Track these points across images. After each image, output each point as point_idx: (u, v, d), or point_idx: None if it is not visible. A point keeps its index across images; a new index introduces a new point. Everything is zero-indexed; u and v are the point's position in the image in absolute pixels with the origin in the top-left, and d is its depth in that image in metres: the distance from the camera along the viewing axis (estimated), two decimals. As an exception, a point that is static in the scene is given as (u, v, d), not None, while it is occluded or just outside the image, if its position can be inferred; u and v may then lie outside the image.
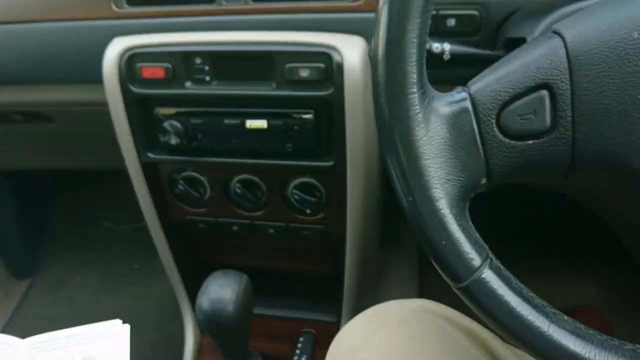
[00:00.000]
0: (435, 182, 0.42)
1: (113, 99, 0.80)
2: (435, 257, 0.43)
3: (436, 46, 0.57)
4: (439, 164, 0.42)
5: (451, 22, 0.62)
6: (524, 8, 0.60)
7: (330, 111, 0.75)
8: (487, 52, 0.56)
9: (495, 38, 0.58)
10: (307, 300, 1.12)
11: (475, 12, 0.62)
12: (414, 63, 0.40)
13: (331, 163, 0.80)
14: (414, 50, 0.40)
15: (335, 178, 0.82)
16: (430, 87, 0.43)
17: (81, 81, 0.84)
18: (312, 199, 0.86)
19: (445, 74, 0.46)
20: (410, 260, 1.37)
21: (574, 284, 1.38)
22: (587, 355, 0.41)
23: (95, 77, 0.79)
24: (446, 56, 0.58)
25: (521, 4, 0.60)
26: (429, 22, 0.40)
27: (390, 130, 0.41)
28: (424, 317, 0.63)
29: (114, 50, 0.78)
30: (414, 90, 0.41)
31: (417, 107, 0.41)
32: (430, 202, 0.42)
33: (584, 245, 1.32)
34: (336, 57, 0.71)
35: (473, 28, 0.63)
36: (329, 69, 0.72)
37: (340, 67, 0.71)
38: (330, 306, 1.07)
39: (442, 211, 0.42)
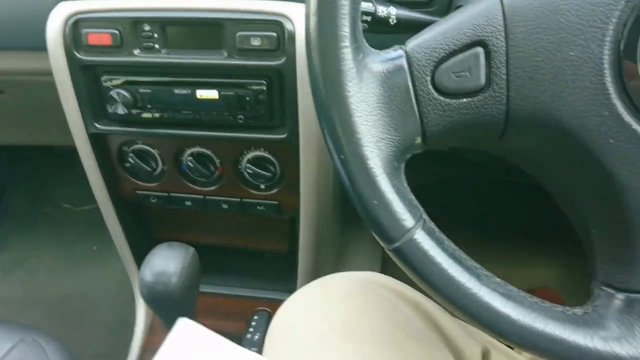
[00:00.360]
0: (368, 140, 0.41)
1: (57, 66, 0.77)
2: (367, 217, 0.42)
3: (382, 9, 0.56)
4: (371, 122, 0.41)
5: None
6: None
7: (283, 81, 0.74)
8: (433, 17, 0.55)
9: (450, 9, 0.57)
10: (263, 279, 1.10)
11: None
12: (346, 16, 0.39)
13: (284, 135, 0.78)
14: (346, 3, 0.39)
15: (289, 151, 0.81)
16: (366, 44, 0.41)
17: (25, 48, 0.81)
18: (266, 174, 0.84)
19: (393, 39, 0.45)
20: (373, 240, 1.36)
21: (534, 266, 1.39)
22: (516, 316, 0.40)
23: (39, 43, 0.76)
24: (392, 20, 0.56)
25: None
26: None
27: (321, 86, 0.40)
28: (369, 288, 0.62)
29: (58, 15, 0.75)
30: (346, 44, 0.39)
31: (350, 62, 0.40)
32: (362, 160, 0.41)
33: (545, 227, 1.32)
34: (288, 26, 0.69)
35: None
36: (281, 38, 0.70)
37: (292, 37, 0.70)
38: (285, 285, 1.05)
39: (374, 170, 0.41)
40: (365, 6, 0.55)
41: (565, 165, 0.43)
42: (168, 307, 0.75)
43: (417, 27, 0.45)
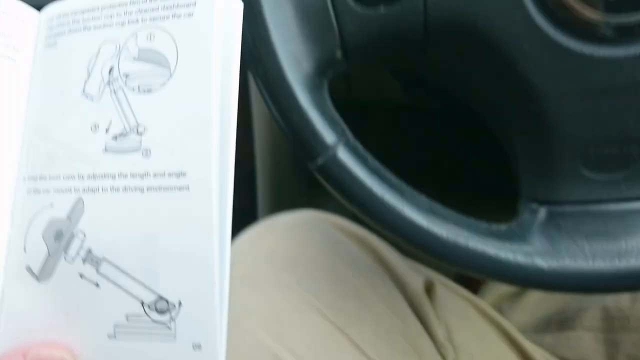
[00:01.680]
0: (285, 54, 0.39)
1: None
2: (289, 135, 0.41)
3: None
4: (289, 37, 0.40)
5: None
6: None
7: None
8: None
9: None
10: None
11: None
12: None
13: None
14: None
15: (240, 99, 0.79)
16: None
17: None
18: None
19: None
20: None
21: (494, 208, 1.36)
22: (438, 231, 0.40)
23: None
24: None
25: None
26: None
27: None
28: (313, 223, 0.62)
29: None
30: None
31: None
32: (281, 75, 0.40)
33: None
34: None
35: None
36: None
37: None
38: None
39: (293, 85, 0.40)
40: None
41: (486, 76, 0.42)
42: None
43: None
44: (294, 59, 0.40)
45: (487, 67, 0.41)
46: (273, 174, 0.91)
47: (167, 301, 0.29)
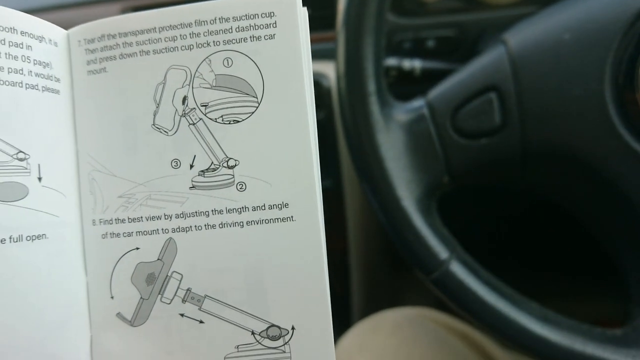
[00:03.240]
0: (399, 182, 0.44)
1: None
2: (405, 253, 0.43)
3: (407, 64, 0.62)
4: (401, 166, 0.45)
5: (430, 44, 0.67)
6: (491, 27, 0.65)
7: (324, 134, 0.76)
8: (455, 66, 0.59)
9: (472, 55, 0.64)
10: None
11: (451, 33, 0.66)
12: (371, 76, 0.45)
13: (328, 183, 0.80)
14: (370, 65, 0.45)
15: (335, 198, 0.81)
16: (390, 98, 0.47)
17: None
18: None
19: (420, 89, 0.50)
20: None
21: (596, 300, 1.21)
22: (554, 338, 0.39)
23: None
24: (416, 72, 0.62)
25: (489, 23, 0.65)
26: (383, 40, 0.46)
27: (353, 138, 0.45)
28: (418, 322, 0.62)
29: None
30: (373, 100, 0.45)
31: (378, 114, 0.45)
32: (396, 201, 0.44)
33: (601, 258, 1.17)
34: (324, 83, 0.73)
35: (451, 47, 0.67)
36: (319, 94, 0.73)
37: (328, 92, 0.73)
38: (339, 326, 0.99)
39: (408, 209, 0.44)
40: (392, 62, 0.61)
41: (586, 194, 0.44)
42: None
43: (440, 76, 0.49)
44: (407, 187, 0.44)
45: (587, 186, 0.43)
46: (365, 264, 0.91)
47: (279, 327, 0.28)
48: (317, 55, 0.75)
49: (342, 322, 0.97)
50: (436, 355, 0.58)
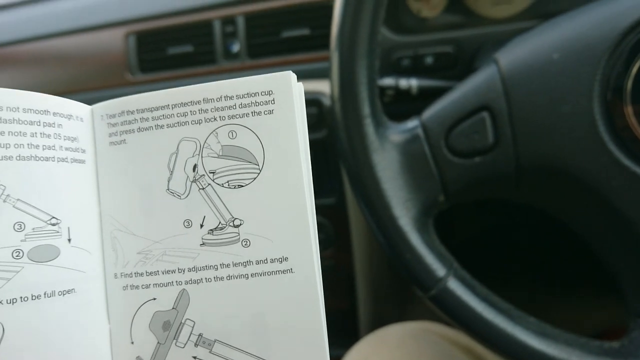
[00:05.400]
0: (395, 202, 0.45)
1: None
2: (403, 271, 0.45)
3: (403, 83, 0.62)
4: (397, 186, 0.46)
5: (429, 60, 0.68)
6: (488, 42, 0.65)
7: (326, 152, 0.78)
8: (452, 83, 0.59)
9: (471, 70, 0.64)
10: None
11: (449, 49, 0.67)
12: (365, 99, 0.46)
13: (332, 200, 0.81)
14: (364, 88, 0.46)
15: (340, 214, 0.83)
16: (385, 119, 0.48)
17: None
18: (321, 236, 0.86)
19: (417, 108, 0.51)
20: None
21: (604, 308, 1.22)
22: (551, 352, 0.40)
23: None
24: (413, 91, 0.62)
25: (487, 38, 0.66)
26: (376, 62, 0.47)
27: (349, 159, 0.46)
28: (423, 336, 0.63)
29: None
30: (368, 122, 0.46)
31: (372, 136, 0.46)
32: (393, 221, 0.45)
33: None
34: (326, 101, 0.75)
35: (449, 64, 0.67)
36: (321, 112, 0.75)
37: (330, 111, 0.74)
38: (347, 341, 1.01)
39: (404, 228, 0.45)
40: (388, 82, 0.62)
41: (579, 208, 0.45)
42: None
43: (437, 94, 0.50)
44: (403, 206, 0.45)
45: (580, 201, 0.44)
46: (370, 278, 0.92)
47: None
48: (318, 74, 0.77)
49: (349, 337, 0.98)
50: None
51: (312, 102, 0.76)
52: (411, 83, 0.63)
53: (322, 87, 0.76)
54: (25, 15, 1.00)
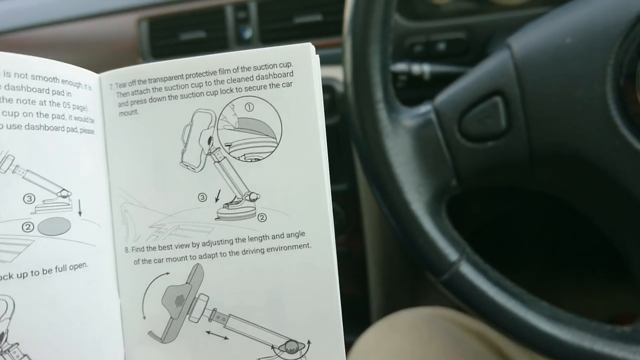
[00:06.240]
0: (408, 187, 0.46)
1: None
2: (415, 256, 0.45)
3: (416, 68, 0.63)
4: (410, 171, 0.46)
5: (441, 47, 0.68)
6: (500, 29, 0.65)
7: (339, 138, 0.78)
8: (464, 69, 0.59)
9: (483, 57, 0.64)
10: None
11: (461, 36, 0.68)
12: (378, 83, 0.46)
13: (345, 187, 0.81)
14: (377, 72, 0.46)
15: (352, 200, 0.83)
16: (398, 103, 0.48)
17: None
18: (333, 222, 0.86)
19: (430, 94, 0.51)
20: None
21: (616, 293, 1.23)
22: (563, 336, 0.41)
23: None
24: (426, 77, 0.63)
25: (499, 25, 0.66)
26: (389, 47, 0.47)
27: (362, 144, 0.47)
28: (434, 321, 0.63)
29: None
30: (381, 106, 0.46)
31: (385, 121, 0.46)
32: (405, 205, 0.45)
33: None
34: (338, 87, 0.75)
35: (461, 50, 0.68)
36: (334, 99, 0.75)
37: (343, 97, 0.74)
38: (359, 328, 1.02)
39: (417, 212, 0.45)
40: (400, 67, 0.62)
41: (591, 192, 0.45)
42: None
43: (450, 79, 0.50)
44: (416, 191, 0.46)
45: (593, 184, 0.44)
46: (382, 265, 0.92)
47: (296, 342, 0.31)
48: (331, 60, 0.76)
49: (361, 323, 0.99)
50: (452, 355, 0.59)
51: (325, 88, 0.75)
52: (424, 69, 0.63)
53: (335, 73, 0.76)
54: (37, 1, 1.00)
